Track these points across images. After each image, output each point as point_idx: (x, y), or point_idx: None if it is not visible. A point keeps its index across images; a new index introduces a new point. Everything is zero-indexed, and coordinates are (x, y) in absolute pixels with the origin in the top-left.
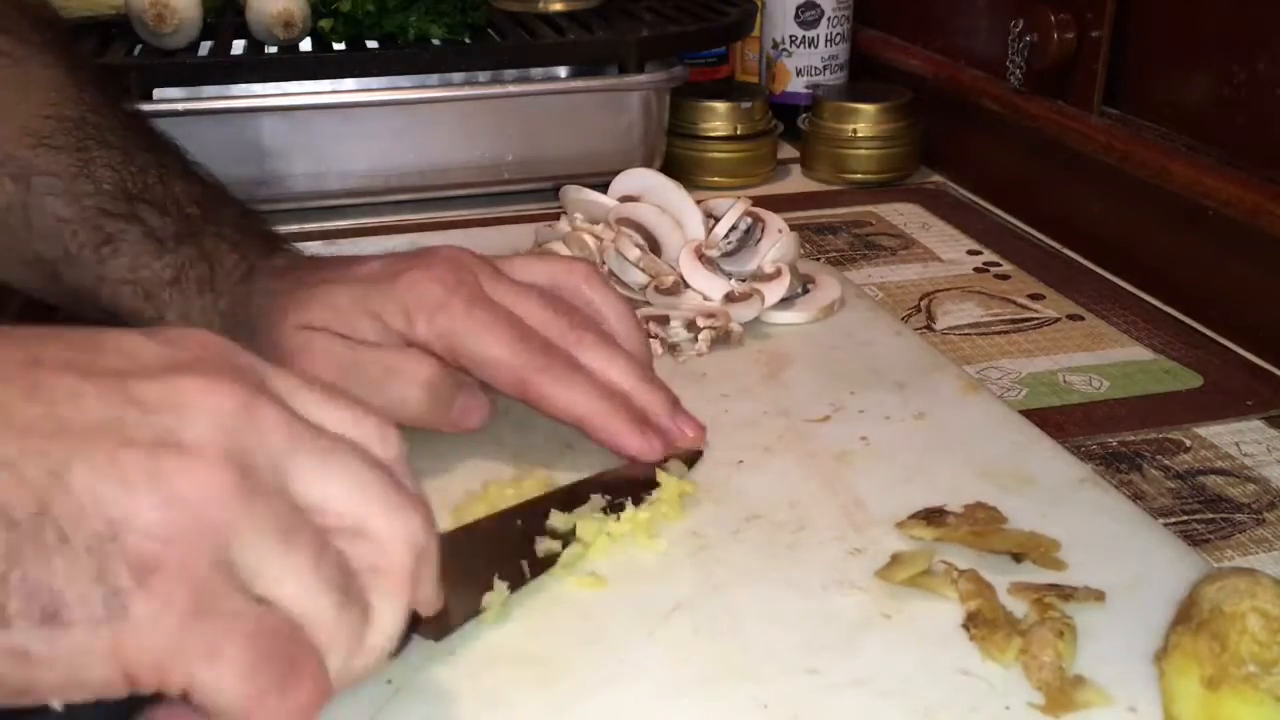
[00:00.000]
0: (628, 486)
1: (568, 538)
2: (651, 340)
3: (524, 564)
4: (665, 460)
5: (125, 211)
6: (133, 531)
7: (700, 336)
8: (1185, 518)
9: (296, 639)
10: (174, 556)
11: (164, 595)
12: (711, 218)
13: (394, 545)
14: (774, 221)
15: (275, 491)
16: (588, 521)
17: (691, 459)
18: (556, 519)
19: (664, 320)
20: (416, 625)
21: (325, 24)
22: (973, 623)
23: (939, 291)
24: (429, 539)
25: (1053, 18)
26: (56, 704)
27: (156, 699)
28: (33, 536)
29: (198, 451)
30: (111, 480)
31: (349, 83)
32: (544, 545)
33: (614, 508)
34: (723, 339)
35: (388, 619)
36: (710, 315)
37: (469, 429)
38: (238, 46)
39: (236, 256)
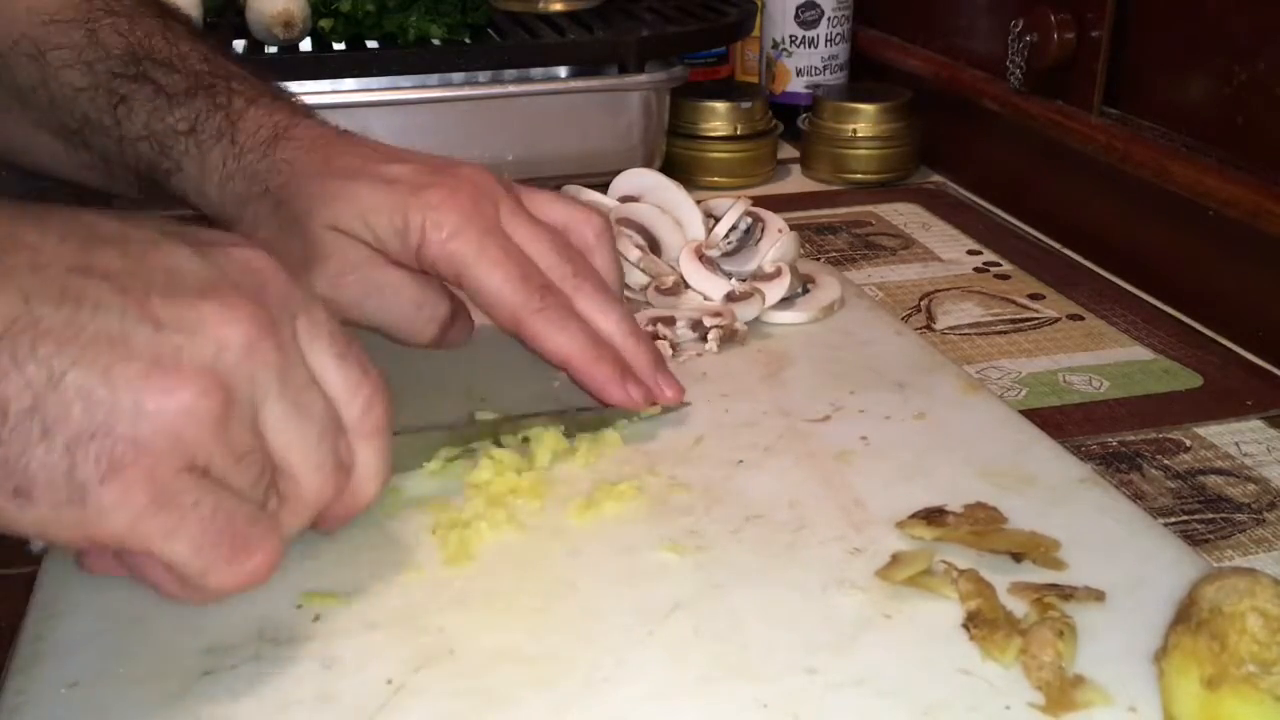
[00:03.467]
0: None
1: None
2: (658, 341)
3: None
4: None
5: (135, 73)
6: (109, 435)
7: (710, 336)
8: (1185, 518)
9: (253, 517)
10: (142, 462)
11: (124, 492)
12: (711, 218)
13: (304, 494)
14: (774, 221)
15: (242, 419)
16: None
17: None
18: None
19: (670, 321)
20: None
21: (325, 24)
22: (973, 623)
23: (939, 291)
24: (327, 501)
25: (1053, 18)
26: (35, 546)
27: None
28: (20, 427)
29: (191, 375)
30: (101, 389)
31: (349, 83)
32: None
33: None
34: (728, 338)
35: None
36: (716, 315)
37: (451, 347)
38: (238, 46)
39: (259, 114)
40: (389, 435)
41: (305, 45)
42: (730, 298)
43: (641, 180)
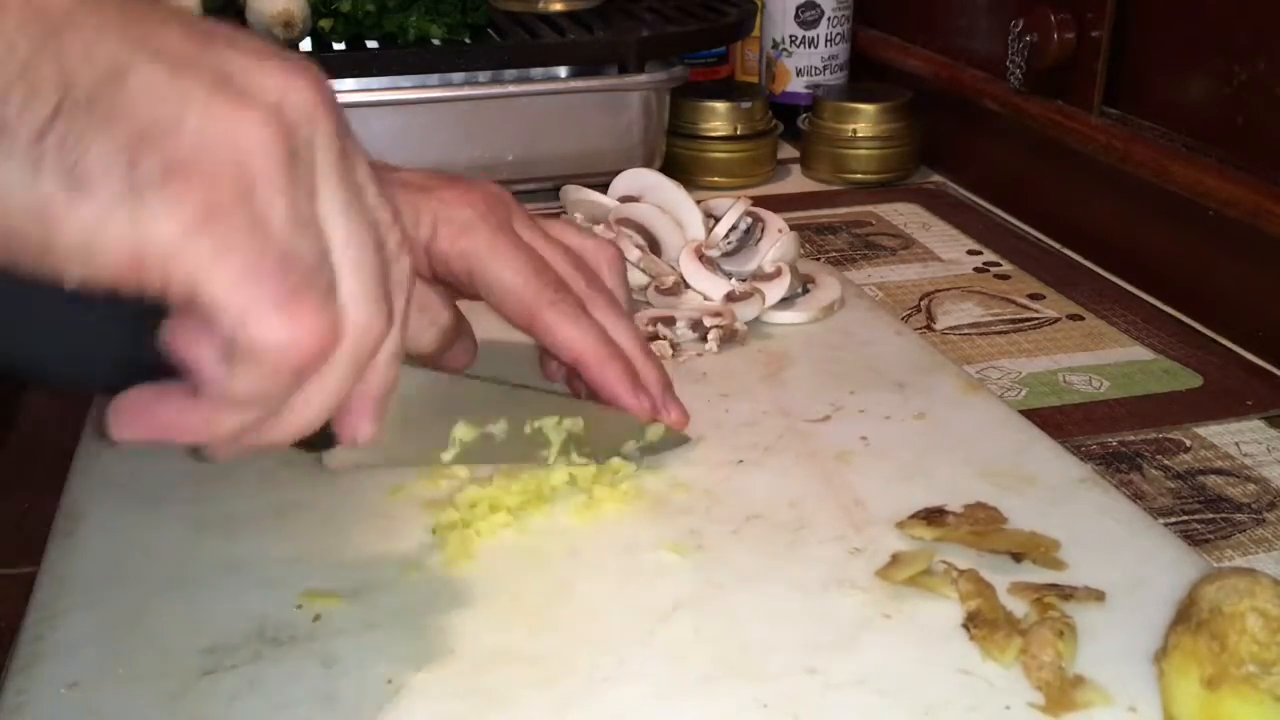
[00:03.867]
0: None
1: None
2: (658, 341)
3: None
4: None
5: None
6: (171, 140)
7: (710, 336)
8: (1185, 518)
9: (308, 276)
10: (203, 172)
11: (181, 197)
12: (711, 218)
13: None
14: (774, 221)
15: (305, 190)
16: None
17: (675, 442)
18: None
19: (670, 321)
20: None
21: (325, 24)
22: (973, 623)
23: (939, 291)
24: (379, 339)
25: (1053, 18)
26: (73, 276)
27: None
28: (84, 110)
29: (260, 105)
30: (169, 93)
31: (349, 83)
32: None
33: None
34: (728, 338)
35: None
36: (716, 315)
37: (453, 370)
38: None
39: None
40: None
41: (305, 45)
42: (730, 298)
43: (641, 180)
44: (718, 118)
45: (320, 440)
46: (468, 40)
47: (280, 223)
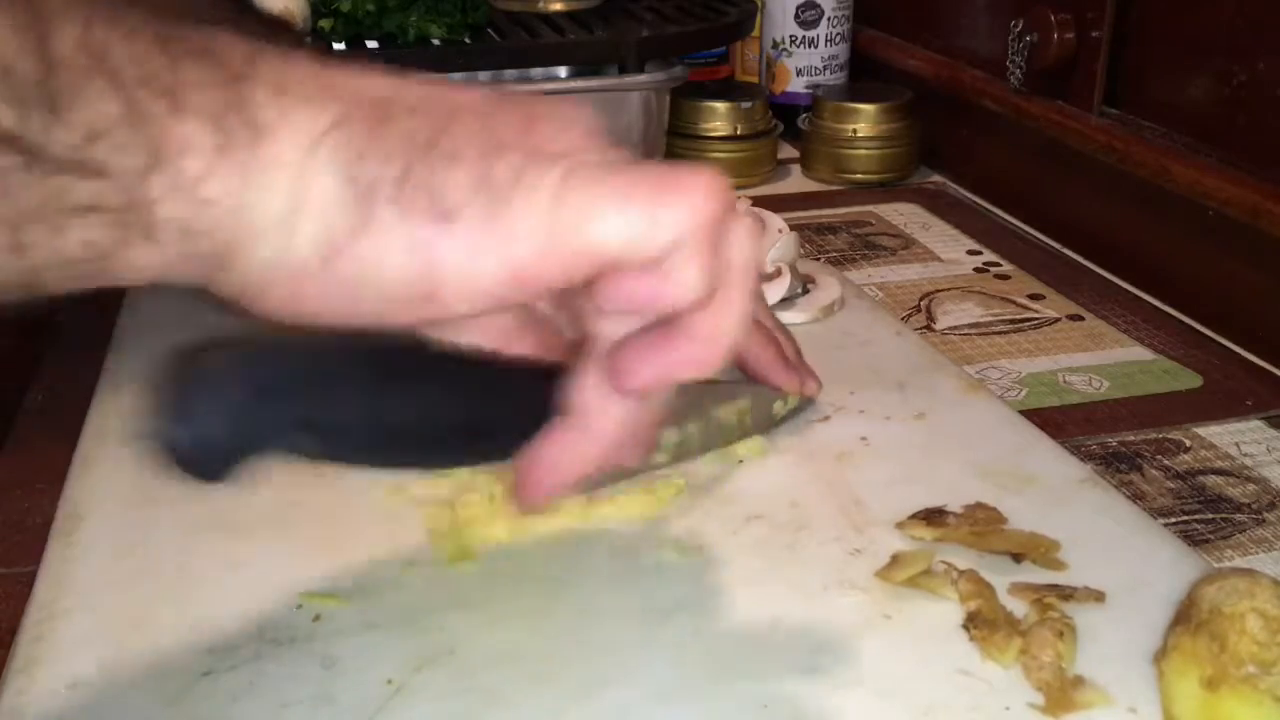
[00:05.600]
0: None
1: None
2: None
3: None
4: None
5: None
6: (516, 154)
7: None
8: (1185, 518)
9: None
10: (547, 160)
11: (539, 184)
12: None
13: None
14: (774, 221)
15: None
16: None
17: (795, 409)
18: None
19: None
20: None
21: (325, 24)
22: (973, 623)
23: (939, 291)
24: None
25: (1053, 18)
26: (459, 309)
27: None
28: (424, 155)
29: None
30: (497, 133)
31: None
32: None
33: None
34: None
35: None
36: None
37: None
38: None
39: None
40: None
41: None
42: None
43: None
44: (718, 118)
45: None
46: (468, 40)
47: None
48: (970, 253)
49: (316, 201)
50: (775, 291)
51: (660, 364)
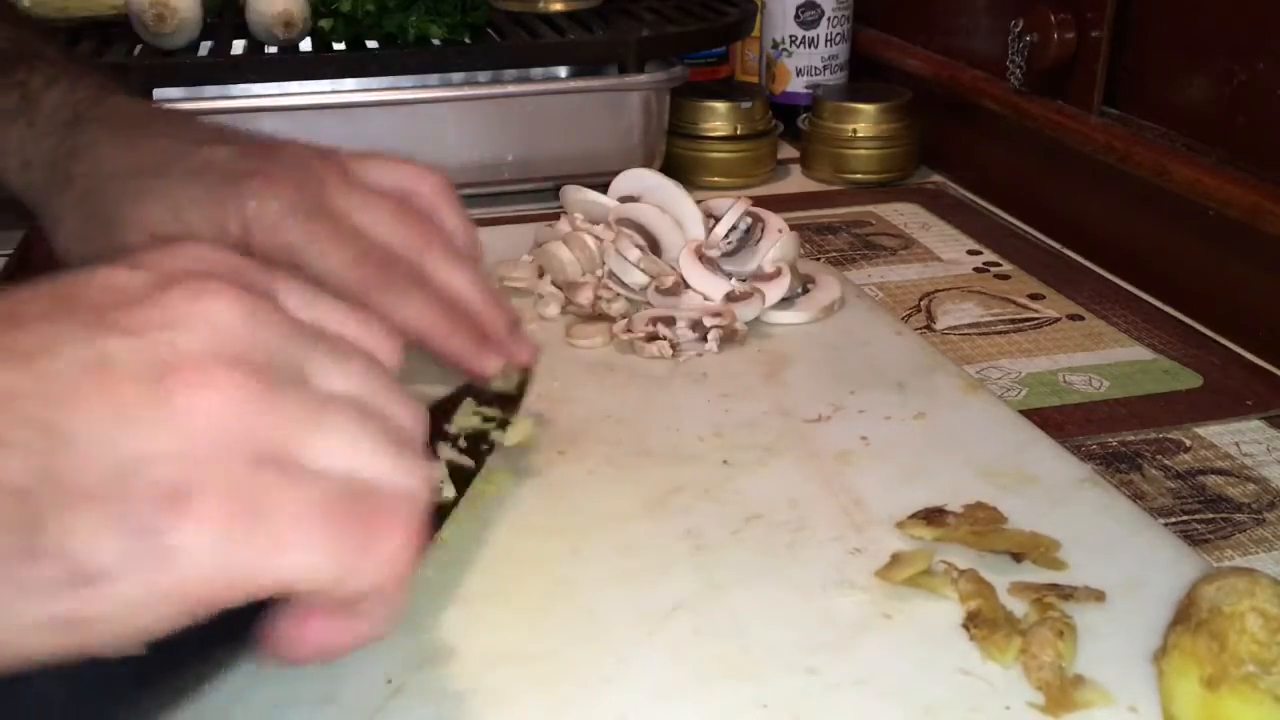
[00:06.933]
0: (495, 399)
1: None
2: (658, 340)
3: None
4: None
5: None
6: (152, 466)
7: (710, 336)
8: (1185, 518)
9: (363, 496)
10: (204, 475)
11: (204, 516)
12: (711, 218)
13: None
14: (774, 221)
15: (295, 381)
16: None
17: (521, 382)
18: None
19: (670, 321)
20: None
21: (325, 24)
22: (973, 623)
23: (939, 291)
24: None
25: (1053, 18)
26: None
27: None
28: (48, 502)
29: (199, 365)
30: (112, 421)
31: (349, 83)
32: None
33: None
34: (728, 338)
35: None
36: (716, 315)
37: None
38: (238, 46)
39: (59, 93)
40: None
41: (305, 45)
42: (730, 298)
43: (641, 180)
44: (718, 118)
45: None
46: (468, 40)
47: (306, 448)
48: (970, 253)
49: None
50: (775, 291)
51: (324, 642)
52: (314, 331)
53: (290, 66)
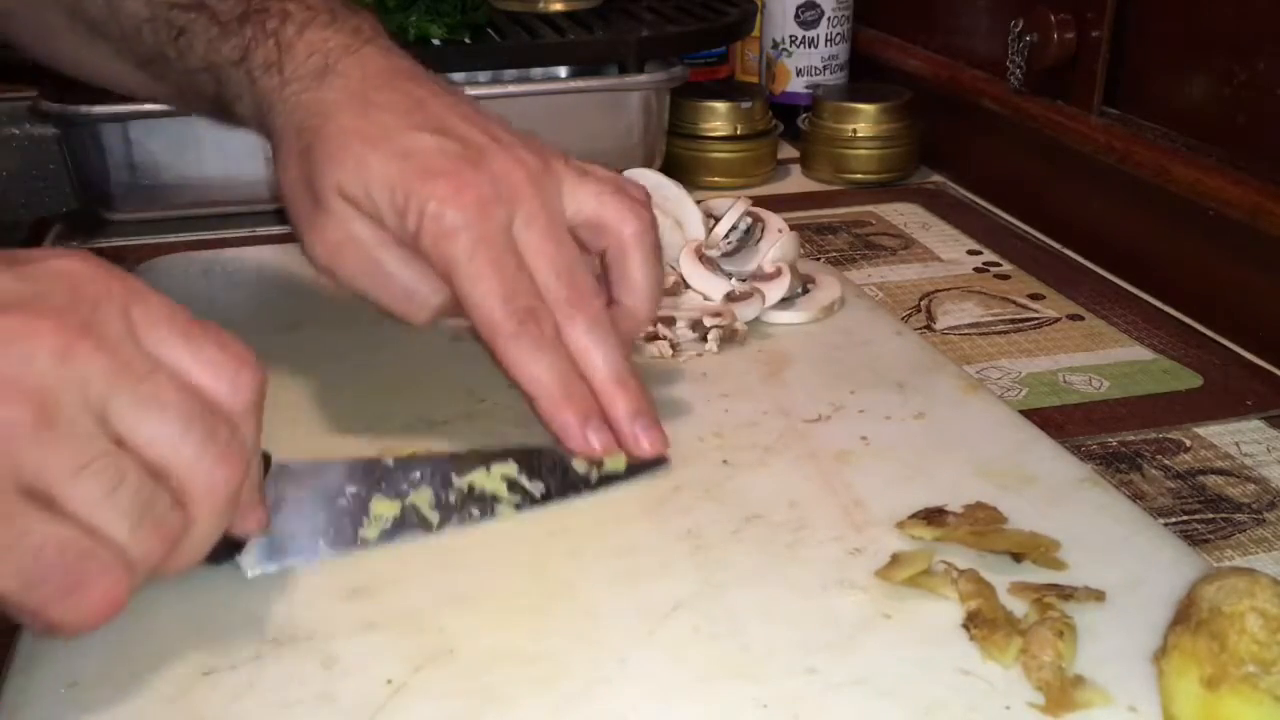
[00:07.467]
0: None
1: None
2: (658, 340)
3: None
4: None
5: (190, 1)
6: None
7: (710, 336)
8: (1185, 518)
9: (88, 551)
10: None
11: None
12: (711, 218)
13: (196, 491)
14: (774, 221)
15: (77, 427)
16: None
17: (633, 467)
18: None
19: (670, 321)
20: (239, 545)
21: None
22: (973, 623)
23: (939, 291)
24: (233, 489)
25: (1053, 18)
26: None
27: None
28: None
29: None
30: None
31: None
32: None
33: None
34: (728, 338)
35: (186, 544)
36: (716, 315)
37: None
38: None
39: (312, 40)
40: (261, 409)
41: None
42: (730, 298)
43: (641, 180)
44: (718, 118)
45: (224, 553)
46: (468, 40)
47: (66, 489)
48: (970, 253)
49: None
50: (775, 291)
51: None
52: (131, 374)
53: None
